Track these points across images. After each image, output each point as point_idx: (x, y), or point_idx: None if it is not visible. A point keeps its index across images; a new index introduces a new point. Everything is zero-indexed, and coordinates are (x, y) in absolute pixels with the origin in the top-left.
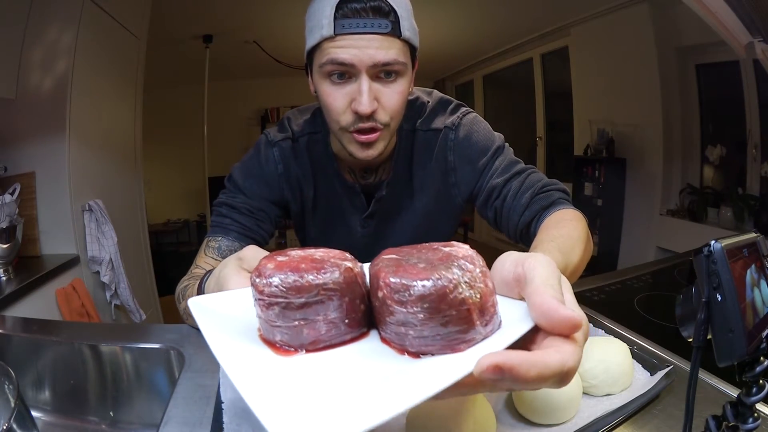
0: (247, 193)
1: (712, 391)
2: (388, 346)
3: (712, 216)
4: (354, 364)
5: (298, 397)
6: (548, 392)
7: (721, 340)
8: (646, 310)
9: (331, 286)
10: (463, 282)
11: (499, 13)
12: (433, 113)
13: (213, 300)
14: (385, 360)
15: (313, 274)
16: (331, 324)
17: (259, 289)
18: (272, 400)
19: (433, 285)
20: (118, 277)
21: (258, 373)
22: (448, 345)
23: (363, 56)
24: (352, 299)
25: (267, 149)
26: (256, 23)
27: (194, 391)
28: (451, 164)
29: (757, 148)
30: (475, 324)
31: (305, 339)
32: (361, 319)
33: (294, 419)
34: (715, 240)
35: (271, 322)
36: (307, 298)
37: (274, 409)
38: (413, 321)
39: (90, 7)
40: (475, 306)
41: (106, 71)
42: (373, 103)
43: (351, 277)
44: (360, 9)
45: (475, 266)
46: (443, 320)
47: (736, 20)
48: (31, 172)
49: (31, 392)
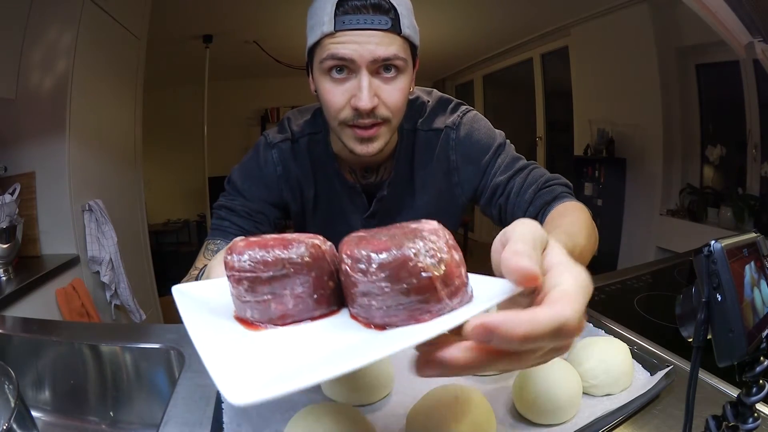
0: (246, 196)
1: (712, 391)
2: (355, 321)
3: (712, 216)
4: (318, 336)
5: (255, 361)
6: (548, 392)
7: (721, 340)
8: (646, 310)
9: (296, 261)
10: (424, 251)
11: (499, 13)
12: (434, 113)
13: (195, 287)
14: (349, 332)
15: (279, 249)
16: (299, 299)
17: (230, 266)
18: (229, 363)
19: (393, 254)
20: (118, 277)
21: (222, 343)
22: (412, 315)
23: (363, 51)
24: (319, 275)
25: (266, 151)
26: (256, 23)
27: (194, 391)
28: (453, 164)
29: (757, 148)
30: (440, 294)
31: (273, 313)
32: (331, 296)
33: (244, 376)
34: (715, 240)
35: (241, 297)
36: (274, 271)
37: (227, 369)
38: (375, 291)
39: (90, 7)
40: (438, 275)
41: (106, 71)
42: (373, 99)
43: (318, 253)
44: (360, 6)
45: (439, 238)
46: (404, 289)
47: (736, 20)
48: (31, 172)
49: (31, 392)
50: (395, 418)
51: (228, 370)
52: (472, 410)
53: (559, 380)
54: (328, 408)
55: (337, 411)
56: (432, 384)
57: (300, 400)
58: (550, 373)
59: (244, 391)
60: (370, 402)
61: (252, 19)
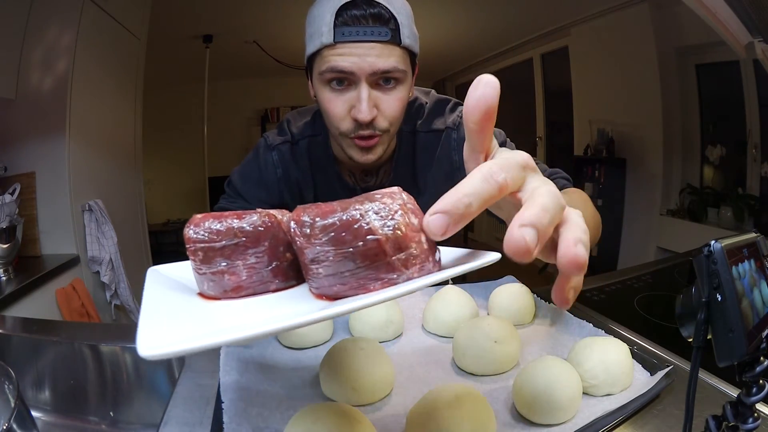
0: (246, 198)
1: (712, 391)
2: (309, 294)
3: (712, 216)
4: (266, 306)
5: (185, 322)
6: (548, 392)
7: (721, 340)
8: (646, 310)
9: (248, 230)
10: (372, 212)
11: (499, 13)
12: (432, 114)
13: (170, 267)
14: (297, 303)
15: (233, 219)
16: (252, 269)
17: (186, 237)
18: (158, 322)
19: (337, 216)
20: (118, 277)
21: (165, 305)
22: (361, 284)
23: (363, 64)
24: (274, 245)
25: (266, 153)
26: (256, 23)
27: (194, 391)
28: (456, 164)
29: (757, 148)
30: (390, 259)
31: (227, 285)
32: (288, 269)
33: (164, 333)
34: (715, 240)
35: (198, 270)
36: (227, 241)
37: (152, 326)
38: (321, 257)
39: (90, 7)
40: (387, 238)
41: (106, 71)
42: (372, 110)
43: (272, 222)
44: (360, 16)
45: (393, 200)
46: (350, 253)
47: (736, 20)
48: (31, 172)
49: (31, 392)
50: (395, 418)
51: (153, 326)
52: (472, 410)
53: (559, 380)
54: (328, 408)
55: (337, 411)
56: (432, 384)
57: (300, 401)
58: (550, 373)
59: (154, 345)
60: (370, 402)
61: (252, 19)
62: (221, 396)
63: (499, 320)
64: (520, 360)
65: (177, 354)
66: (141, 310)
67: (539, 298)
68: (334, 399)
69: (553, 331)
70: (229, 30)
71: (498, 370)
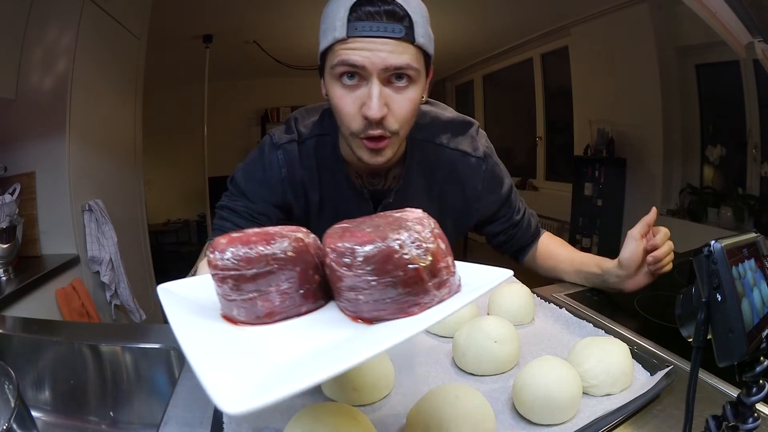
0: (249, 197)
1: (712, 391)
2: (343, 315)
3: (712, 216)
4: (308, 333)
5: (240, 363)
6: (548, 392)
7: (721, 340)
8: (646, 310)
9: (280, 256)
10: (409, 242)
11: (499, 13)
12: (456, 132)
13: (180, 285)
14: (338, 327)
15: (262, 245)
16: (285, 295)
17: (213, 264)
18: (214, 365)
19: (377, 246)
20: (118, 277)
21: (208, 343)
22: (401, 308)
23: (375, 59)
24: (304, 269)
25: (271, 152)
26: (256, 23)
27: (194, 391)
28: (478, 192)
29: (757, 148)
30: (427, 285)
31: (260, 311)
32: (317, 290)
33: (237, 383)
34: (715, 240)
35: (226, 296)
36: (258, 268)
37: (214, 373)
38: (362, 285)
39: (90, 7)
40: (425, 267)
41: (106, 71)
42: (383, 108)
43: (301, 246)
44: (374, 12)
45: (424, 227)
46: (391, 282)
47: (736, 20)
48: (31, 172)
49: (31, 392)
50: (395, 418)
51: (219, 376)
52: (472, 410)
53: (559, 380)
54: (328, 408)
55: (337, 411)
56: (432, 384)
57: (300, 400)
58: (550, 373)
59: (237, 399)
60: (370, 402)
61: (252, 19)
62: None
63: (499, 320)
64: (520, 360)
65: (264, 407)
66: (185, 351)
67: (539, 298)
68: (334, 399)
69: (553, 331)
70: (229, 30)
71: (498, 370)
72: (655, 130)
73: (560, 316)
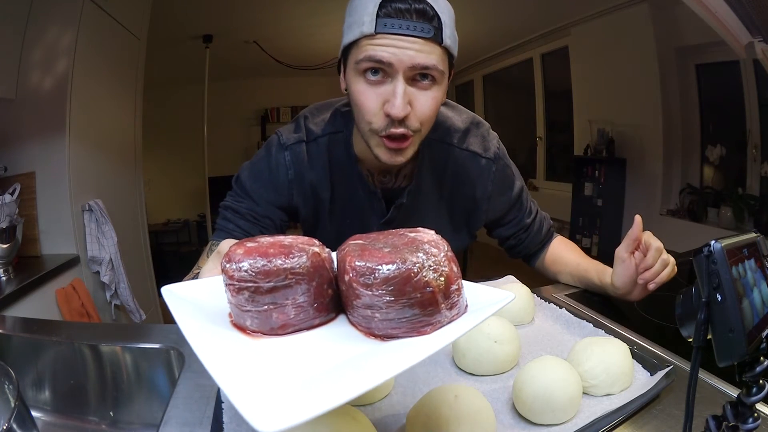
0: (253, 198)
1: (712, 391)
2: (355, 330)
3: (712, 216)
4: (322, 348)
5: (267, 380)
6: (548, 392)
7: (721, 340)
8: (646, 310)
9: (298, 271)
10: (427, 265)
11: (500, 13)
12: (467, 132)
13: (185, 287)
14: (352, 343)
15: (281, 258)
16: (300, 308)
17: (229, 275)
18: (242, 384)
19: (398, 268)
20: (118, 277)
21: (229, 358)
22: (414, 328)
23: (402, 56)
24: (320, 284)
25: (278, 153)
26: (256, 23)
27: (194, 391)
28: (488, 193)
29: (757, 148)
30: (440, 307)
31: (275, 323)
32: (329, 303)
33: (264, 403)
34: (715, 240)
35: (241, 306)
36: (276, 282)
37: (244, 393)
38: (379, 304)
39: (90, 8)
40: (440, 289)
41: (106, 71)
42: (406, 107)
43: (318, 261)
44: (404, 10)
45: (439, 251)
46: (408, 302)
47: (736, 20)
48: (31, 172)
49: (31, 392)
50: (395, 418)
51: (251, 396)
52: (472, 410)
53: (559, 380)
54: None
55: (337, 411)
56: (432, 384)
57: None
58: (550, 373)
59: (272, 419)
60: (370, 402)
61: (252, 19)
62: (221, 396)
63: (499, 320)
64: (520, 360)
65: (299, 425)
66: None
67: (539, 298)
68: None
69: (553, 331)
70: (229, 30)
71: (498, 370)
72: (655, 130)
73: (560, 316)
